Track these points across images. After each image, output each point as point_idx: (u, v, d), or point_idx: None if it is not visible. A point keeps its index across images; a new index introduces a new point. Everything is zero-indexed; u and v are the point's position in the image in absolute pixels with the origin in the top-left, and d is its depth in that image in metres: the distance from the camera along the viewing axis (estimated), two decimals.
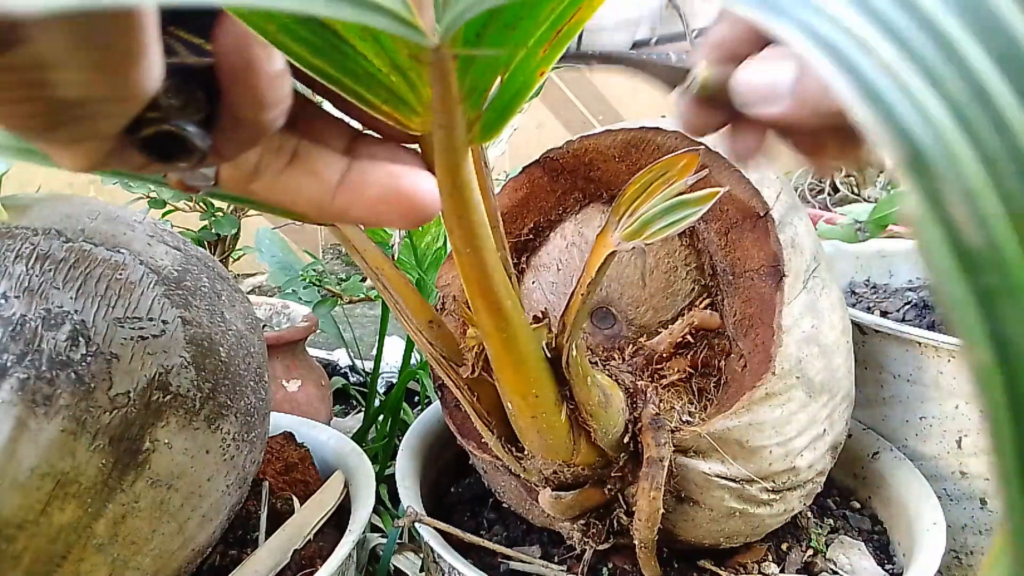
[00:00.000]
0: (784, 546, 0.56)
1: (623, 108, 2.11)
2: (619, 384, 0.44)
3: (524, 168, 0.59)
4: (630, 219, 0.27)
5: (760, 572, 0.54)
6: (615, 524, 0.47)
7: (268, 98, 0.22)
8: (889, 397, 0.71)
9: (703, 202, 0.26)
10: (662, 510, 0.44)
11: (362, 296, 0.92)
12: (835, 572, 0.55)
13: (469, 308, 0.31)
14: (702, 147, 0.26)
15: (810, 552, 0.56)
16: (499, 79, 0.24)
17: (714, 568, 0.53)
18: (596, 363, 0.48)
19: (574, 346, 0.34)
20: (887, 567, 0.57)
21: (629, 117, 1.20)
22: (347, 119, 0.28)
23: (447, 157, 0.24)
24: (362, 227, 0.38)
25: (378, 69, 0.22)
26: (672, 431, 0.44)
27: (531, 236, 0.60)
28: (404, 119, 0.24)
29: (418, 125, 0.24)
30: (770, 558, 0.55)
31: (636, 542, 0.46)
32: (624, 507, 0.46)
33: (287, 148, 0.26)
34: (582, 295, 0.31)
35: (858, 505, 0.65)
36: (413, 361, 0.91)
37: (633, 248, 0.28)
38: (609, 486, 0.45)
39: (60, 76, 0.18)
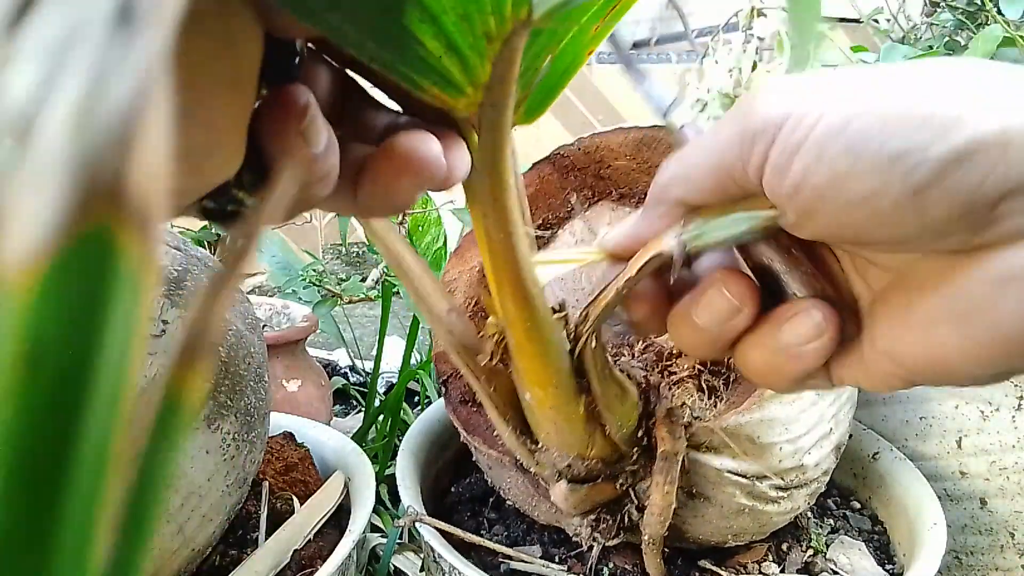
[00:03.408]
0: (784, 546, 0.56)
1: (623, 108, 2.11)
2: (631, 379, 0.44)
3: (534, 165, 0.59)
4: (697, 230, 0.27)
5: (760, 572, 0.54)
6: (626, 519, 0.47)
7: (308, 177, 0.22)
8: (889, 397, 0.71)
9: (759, 223, 0.25)
10: (674, 505, 0.44)
11: (362, 296, 0.92)
12: (835, 572, 0.55)
13: (491, 294, 0.31)
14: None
15: (810, 552, 0.56)
16: (548, 58, 0.24)
17: (715, 568, 0.53)
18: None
19: (594, 338, 0.34)
20: (887, 567, 0.57)
21: (629, 117, 1.20)
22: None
23: (493, 137, 0.24)
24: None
25: (429, 52, 0.22)
26: (686, 426, 0.44)
27: (538, 234, 0.60)
28: (451, 100, 0.24)
29: (464, 106, 0.24)
30: (770, 558, 0.55)
31: (644, 538, 0.46)
32: (636, 502, 0.47)
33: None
34: (617, 289, 0.30)
35: (858, 505, 0.65)
36: (413, 361, 0.91)
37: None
38: (621, 480, 0.45)
39: None
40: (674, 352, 0.49)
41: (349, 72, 0.27)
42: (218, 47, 0.19)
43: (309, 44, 0.25)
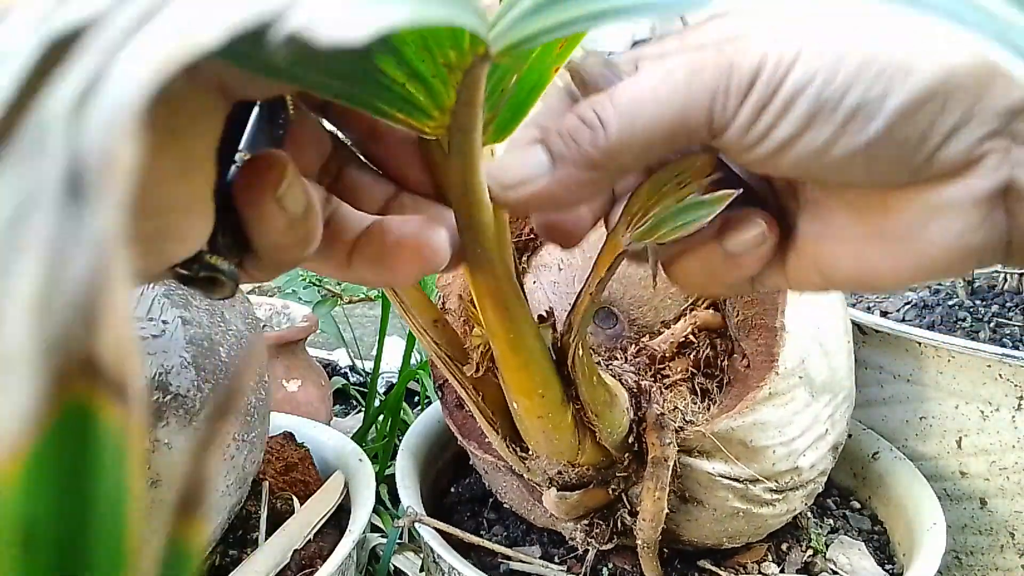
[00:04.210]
0: (784, 546, 0.56)
1: None
2: (623, 384, 0.44)
3: None
4: (642, 219, 0.27)
5: (760, 572, 0.54)
6: (619, 524, 0.47)
7: (286, 241, 0.22)
8: (889, 397, 0.71)
9: (717, 204, 0.25)
10: (666, 510, 0.44)
11: (362, 296, 0.92)
12: (835, 572, 0.55)
13: (475, 307, 0.31)
14: (718, 151, 0.25)
15: (810, 552, 0.56)
16: (514, 78, 0.24)
17: (714, 568, 0.53)
18: (599, 363, 0.48)
19: (580, 345, 0.34)
20: (887, 567, 0.57)
21: None
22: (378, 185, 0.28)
23: (463, 160, 0.24)
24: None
25: (393, 80, 0.22)
26: (677, 431, 0.44)
27: (532, 236, 0.60)
28: (418, 124, 0.24)
29: (432, 128, 0.24)
30: (770, 558, 0.55)
31: (639, 542, 0.46)
32: (628, 507, 0.46)
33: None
34: (590, 294, 0.30)
35: (858, 505, 0.65)
36: (413, 361, 0.91)
37: (644, 248, 0.27)
38: (613, 486, 0.45)
39: None
40: (666, 356, 0.49)
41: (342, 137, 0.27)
42: (167, 138, 0.18)
43: (296, 107, 0.25)
